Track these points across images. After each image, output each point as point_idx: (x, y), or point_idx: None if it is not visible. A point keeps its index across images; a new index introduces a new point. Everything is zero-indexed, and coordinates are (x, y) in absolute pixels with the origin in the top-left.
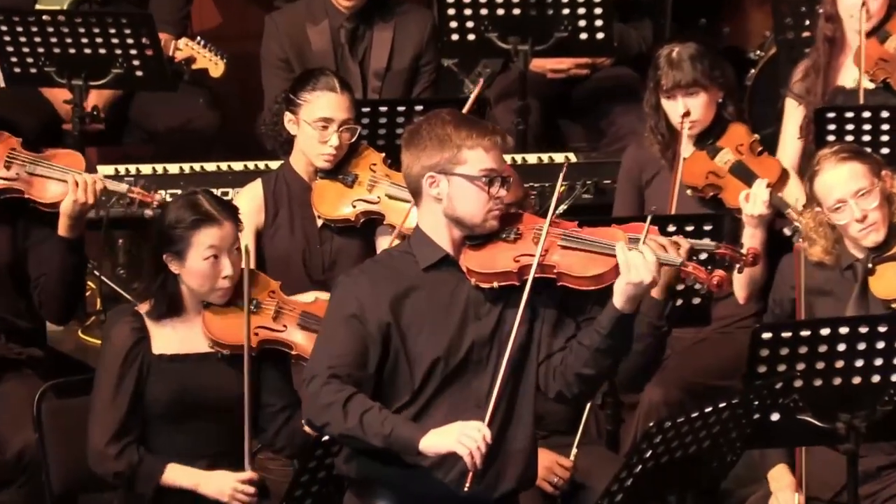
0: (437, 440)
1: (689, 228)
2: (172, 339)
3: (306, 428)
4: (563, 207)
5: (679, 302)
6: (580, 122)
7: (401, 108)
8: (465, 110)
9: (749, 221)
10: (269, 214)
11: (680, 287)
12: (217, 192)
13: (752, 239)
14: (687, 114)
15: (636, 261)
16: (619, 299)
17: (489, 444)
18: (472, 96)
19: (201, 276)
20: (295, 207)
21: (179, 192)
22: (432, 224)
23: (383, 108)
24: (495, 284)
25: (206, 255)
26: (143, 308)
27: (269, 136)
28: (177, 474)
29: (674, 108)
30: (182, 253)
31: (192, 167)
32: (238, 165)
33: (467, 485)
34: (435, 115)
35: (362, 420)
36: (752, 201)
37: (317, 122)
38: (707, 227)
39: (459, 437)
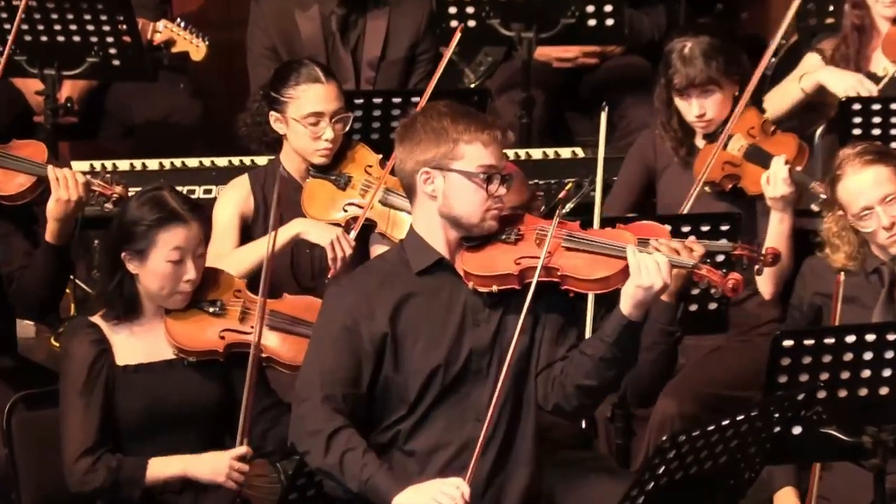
0: (411, 498)
1: (705, 228)
2: (135, 347)
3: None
4: (569, 206)
5: (694, 307)
6: (588, 115)
7: (396, 100)
8: (433, 80)
9: (774, 205)
10: (257, 211)
11: (694, 291)
12: (200, 189)
13: (780, 224)
14: (702, 115)
15: (648, 264)
16: (626, 305)
17: (468, 502)
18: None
19: (162, 279)
20: (284, 207)
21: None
22: (427, 224)
23: (377, 100)
24: (494, 288)
25: (170, 257)
26: (99, 316)
27: (252, 137)
28: (161, 467)
29: (687, 107)
30: (144, 252)
31: (172, 163)
32: (222, 161)
33: None
34: (431, 107)
35: (342, 459)
36: (773, 182)
37: (307, 118)
38: (724, 227)
39: (436, 496)
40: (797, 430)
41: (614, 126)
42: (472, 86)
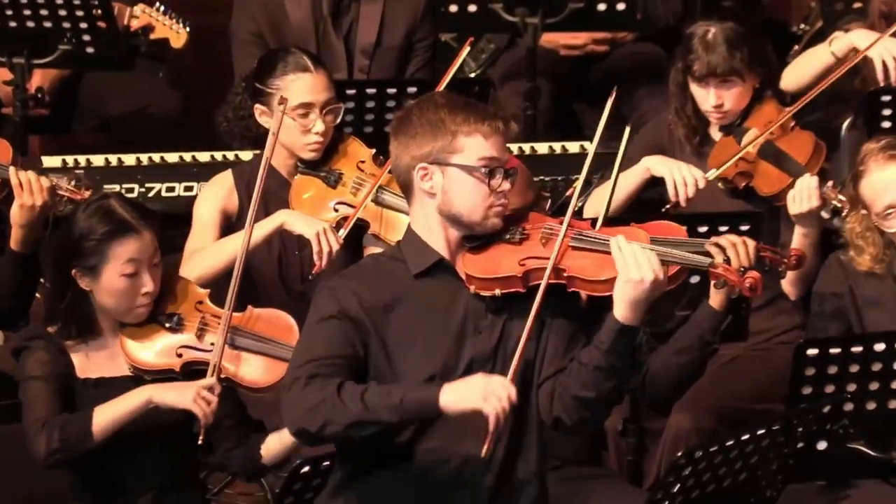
0: (459, 396)
1: (723, 229)
2: (94, 363)
3: (282, 437)
4: (577, 204)
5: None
6: (598, 106)
7: (391, 90)
8: (443, 81)
9: (800, 221)
10: (241, 210)
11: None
12: (180, 186)
13: (805, 238)
14: (720, 105)
15: (637, 255)
16: (619, 306)
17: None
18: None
19: (118, 294)
20: (271, 206)
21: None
22: (425, 223)
23: (371, 90)
24: (497, 292)
25: (124, 271)
26: (53, 330)
27: (235, 133)
28: (115, 409)
29: (704, 96)
30: (96, 268)
31: (150, 158)
32: (204, 156)
33: (485, 449)
34: (427, 98)
35: (364, 401)
36: (800, 199)
37: (296, 109)
38: (744, 227)
39: (486, 395)
40: (822, 445)
41: (625, 119)
42: (473, 75)
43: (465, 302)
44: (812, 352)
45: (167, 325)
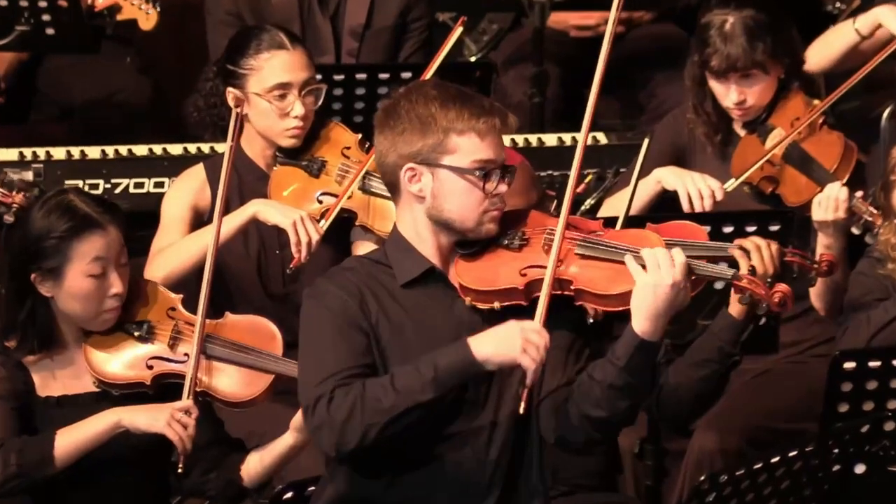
0: (496, 349)
1: (751, 229)
2: (57, 378)
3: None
4: (589, 202)
5: None
6: (613, 93)
7: (383, 76)
8: (430, 68)
9: (822, 228)
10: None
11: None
12: (150, 181)
13: (825, 250)
14: (742, 102)
15: (656, 252)
16: (638, 317)
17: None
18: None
19: (84, 298)
20: (247, 201)
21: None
22: (413, 228)
23: (361, 76)
24: (497, 305)
25: (90, 271)
26: (12, 344)
27: (206, 123)
28: (78, 433)
29: (724, 92)
30: (58, 270)
31: (117, 151)
32: (176, 149)
33: (522, 406)
34: (417, 87)
35: (396, 388)
36: (825, 206)
37: (272, 91)
38: (773, 227)
39: (525, 346)
40: (860, 468)
41: (642, 107)
42: (474, 59)
43: (458, 314)
44: (849, 365)
45: (136, 333)
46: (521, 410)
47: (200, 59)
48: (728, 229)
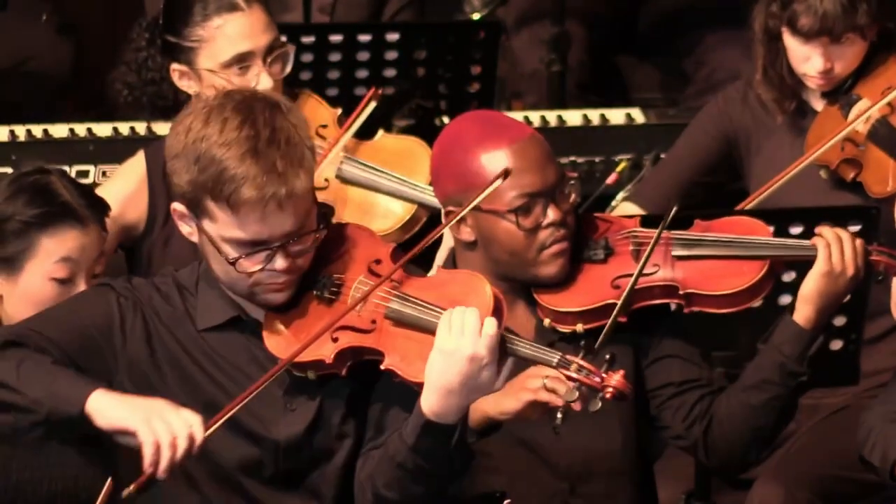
0: (116, 404)
1: None
2: None
3: None
4: (621, 196)
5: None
6: (651, 60)
7: (364, 37)
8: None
9: None
10: (155, 208)
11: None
12: (71, 170)
13: None
14: (828, 70)
15: (467, 317)
16: (427, 388)
17: None
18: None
19: (38, 306)
20: None
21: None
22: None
23: (336, 38)
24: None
25: (54, 273)
26: None
27: (144, 102)
28: None
29: (806, 56)
30: (14, 262)
31: (30, 132)
32: (104, 129)
33: (126, 490)
34: (215, 107)
35: (23, 379)
36: None
37: (229, 63)
38: (853, 227)
39: (158, 424)
40: None
41: (688, 78)
42: (476, 17)
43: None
44: None
45: None
46: (123, 494)
47: (134, 18)
48: (796, 230)
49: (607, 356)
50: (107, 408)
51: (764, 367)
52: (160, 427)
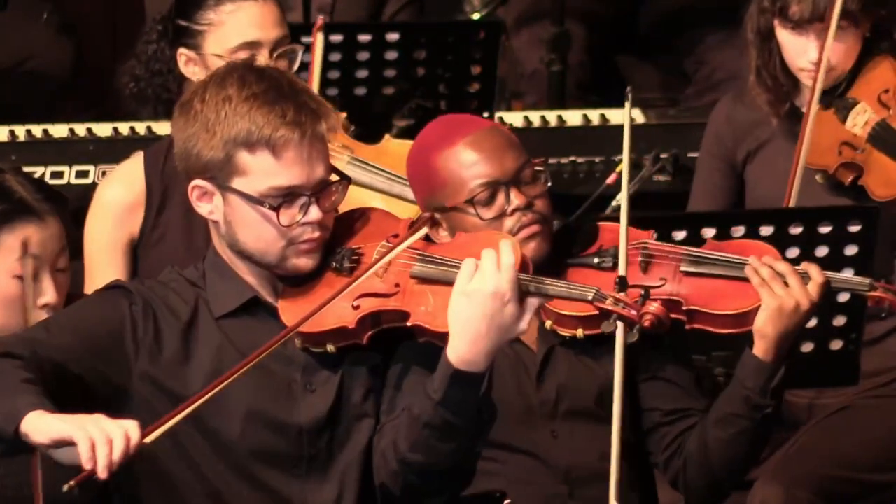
0: (52, 419)
1: (825, 230)
2: None
3: None
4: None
5: (808, 347)
6: (651, 60)
7: (364, 37)
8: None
9: None
10: (150, 209)
11: (810, 323)
12: (70, 170)
13: None
14: (820, 62)
15: (486, 256)
16: (453, 337)
17: None
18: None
19: (3, 305)
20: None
21: None
22: (223, 252)
23: (336, 37)
24: (330, 348)
25: (16, 270)
26: None
27: (149, 96)
28: None
29: (800, 48)
30: None
31: (30, 132)
32: (104, 129)
33: (66, 485)
34: (218, 77)
35: None
36: None
37: (236, 51)
38: (853, 228)
39: (85, 424)
40: None
41: (689, 78)
42: (476, 17)
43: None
44: None
45: None
46: (64, 487)
47: (136, 18)
48: (796, 230)
49: (641, 291)
50: (42, 424)
51: (731, 401)
52: (94, 429)
